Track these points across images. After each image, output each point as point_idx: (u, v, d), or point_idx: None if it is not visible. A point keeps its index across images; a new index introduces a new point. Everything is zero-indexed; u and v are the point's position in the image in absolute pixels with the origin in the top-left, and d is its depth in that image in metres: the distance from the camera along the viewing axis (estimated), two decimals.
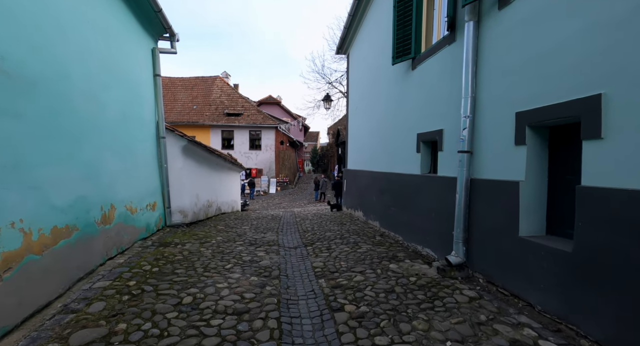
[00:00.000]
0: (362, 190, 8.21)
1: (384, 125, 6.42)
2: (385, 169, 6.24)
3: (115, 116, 3.94)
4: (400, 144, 5.49)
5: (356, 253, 4.41)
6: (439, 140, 4.15)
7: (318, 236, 5.78)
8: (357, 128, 9.24)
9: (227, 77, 29.33)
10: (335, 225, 6.98)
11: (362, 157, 8.48)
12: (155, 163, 5.36)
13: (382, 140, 6.53)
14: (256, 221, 8.04)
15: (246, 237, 5.62)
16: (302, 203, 17.78)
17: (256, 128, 23.76)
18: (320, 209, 12.68)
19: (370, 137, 7.57)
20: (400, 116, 5.49)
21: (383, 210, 6.21)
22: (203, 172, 7.46)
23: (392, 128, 5.87)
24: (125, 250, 3.96)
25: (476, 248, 3.31)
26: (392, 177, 5.75)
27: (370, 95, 7.65)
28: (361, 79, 8.77)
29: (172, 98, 24.21)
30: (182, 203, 6.04)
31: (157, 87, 5.47)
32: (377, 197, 6.67)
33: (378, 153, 6.85)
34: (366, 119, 8.03)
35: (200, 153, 6.93)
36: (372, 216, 6.94)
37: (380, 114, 6.74)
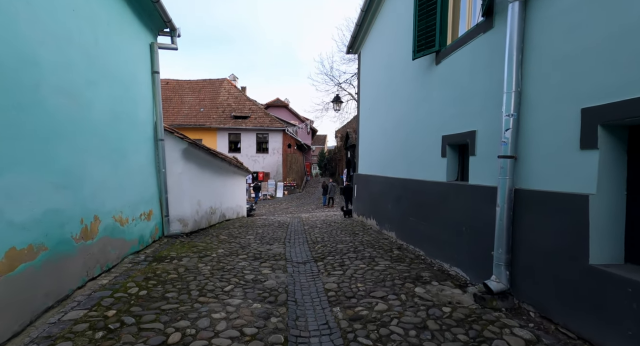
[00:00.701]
0: (374, 197, 7.66)
1: (401, 127, 5.88)
2: (402, 175, 5.70)
3: (104, 116, 3.49)
4: (421, 148, 4.95)
5: (374, 272, 3.87)
6: (470, 143, 3.60)
7: (329, 248, 5.25)
8: (370, 131, 8.72)
9: (235, 79, 29.14)
10: (346, 235, 6.44)
11: (375, 161, 7.94)
12: (152, 167, 4.92)
13: (398, 143, 6.00)
14: (262, 229, 7.55)
15: (250, 249, 5.12)
16: (309, 208, 17.27)
17: (263, 131, 23.40)
18: (329, 215, 12.15)
19: (384, 139, 7.04)
20: (421, 117, 4.95)
21: (400, 220, 5.66)
22: (205, 176, 7.01)
23: (411, 131, 5.33)
24: (113, 267, 3.50)
25: (524, 273, 2.75)
26: (411, 184, 5.20)
27: (384, 95, 7.13)
28: (374, 78, 8.26)
29: (179, 101, 24.05)
30: (182, 211, 5.58)
31: (155, 85, 5.04)
32: (392, 205, 6.12)
33: (394, 158, 6.30)
34: (380, 121, 7.51)
35: (202, 157, 6.49)
36: (387, 226, 6.38)
37: (396, 115, 6.21)
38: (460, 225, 3.70)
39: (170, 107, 23.53)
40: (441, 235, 4.15)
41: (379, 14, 7.38)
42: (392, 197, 6.17)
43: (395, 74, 6.31)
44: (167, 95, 24.28)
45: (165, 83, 25.12)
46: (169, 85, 25.04)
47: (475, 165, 3.54)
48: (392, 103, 6.59)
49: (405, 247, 5.26)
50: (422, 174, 4.87)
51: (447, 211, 4.02)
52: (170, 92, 24.50)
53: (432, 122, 4.59)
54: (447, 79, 4.18)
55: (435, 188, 4.38)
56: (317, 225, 8.54)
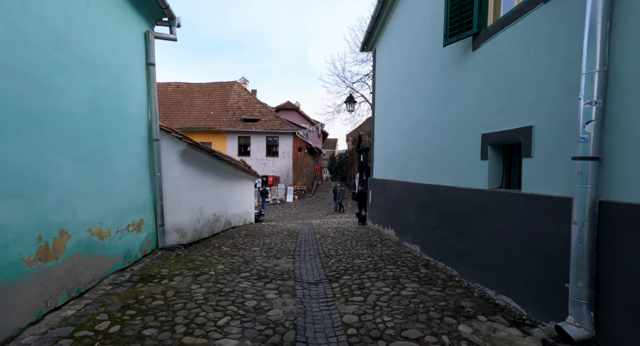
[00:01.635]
0: (392, 204, 6.95)
1: (424, 127, 5.18)
2: (427, 180, 4.99)
3: (79, 108, 2.94)
4: (451, 149, 4.25)
5: (401, 298, 3.17)
6: (524, 142, 2.89)
7: (345, 264, 4.57)
8: (386, 132, 8.03)
9: (245, 82, 28.88)
10: (363, 248, 5.75)
11: (393, 165, 7.24)
12: (145, 171, 4.36)
13: (422, 144, 5.30)
14: (269, 239, 6.92)
15: (254, 264, 4.49)
16: (320, 214, 16.61)
17: (273, 134, 22.94)
18: (342, 222, 11.46)
19: (404, 141, 6.35)
20: (452, 113, 4.25)
21: (426, 232, 4.94)
22: (209, 181, 6.44)
23: (438, 130, 4.64)
24: (86, 291, 2.91)
25: (619, 317, 2.02)
26: (440, 191, 4.49)
27: (403, 93, 6.46)
28: (392, 75, 7.60)
29: (189, 104, 23.85)
30: (180, 219, 5.00)
31: (150, 79, 4.51)
32: (416, 214, 5.41)
33: (416, 161, 5.60)
34: (398, 120, 6.82)
35: (204, 159, 5.92)
36: (409, 237, 5.66)
37: (419, 113, 5.52)
38: (511, 244, 2.98)
39: (180, 110, 23.35)
40: (482, 254, 3.43)
41: (398, 3, 6.73)
42: (415, 205, 5.46)
43: (417, 68, 5.63)
44: (178, 98, 24.15)
45: (176, 86, 25.02)
46: (179, 88, 24.92)
47: (532, 169, 2.82)
48: (412, 101, 5.91)
49: (433, 264, 4.54)
50: (453, 180, 4.16)
51: (491, 225, 3.30)
52: (180, 95, 24.35)
53: (466, 119, 3.89)
54: (489, 66, 3.48)
55: (473, 197, 3.66)
56: (329, 234, 7.86)
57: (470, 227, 3.68)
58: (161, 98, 23.80)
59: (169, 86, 24.93)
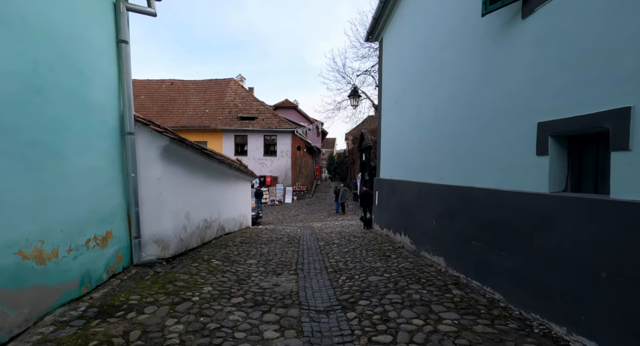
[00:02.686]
0: (406, 208, 6.18)
1: (450, 117, 4.41)
2: (455, 181, 4.22)
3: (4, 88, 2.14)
4: (490, 143, 3.47)
5: (443, 339, 2.40)
6: (615, 129, 2.12)
7: (358, 283, 3.79)
8: (396, 127, 7.26)
9: (242, 80, 28.03)
10: (376, 259, 4.97)
11: (406, 164, 6.47)
12: (115, 171, 3.57)
13: (446, 139, 4.52)
14: (267, 247, 6.13)
15: (250, 284, 3.70)
16: (321, 216, 15.82)
17: (271, 133, 22.12)
18: (345, 225, 10.68)
19: (421, 135, 5.58)
20: (490, 99, 3.48)
21: (453, 243, 4.17)
22: (198, 182, 5.64)
23: (471, 120, 3.86)
24: (12, 339, 2.10)
25: None
26: (474, 195, 3.72)
27: (420, 81, 5.69)
28: (402, 64, 6.83)
29: (184, 101, 23.00)
30: (161, 228, 4.20)
31: (123, 59, 3.71)
32: (439, 221, 4.64)
33: (438, 159, 4.83)
34: (412, 113, 6.05)
35: (192, 158, 5.13)
36: (430, 247, 4.89)
37: (441, 102, 4.75)
38: (594, 268, 2.21)
39: (175, 108, 22.48)
40: (542, 277, 2.65)
41: None
42: (438, 210, 4.69)
43: (439, 52, 4.86)
44: (172, 95, 23.29)
45: (170, 83, 24.16)
46: (173, 85, 24.05)
47: (629, 166, 2.05)
48: (431, 90, 5.14)
49: (464, 282, 3.77)
50: (492, 181, 3.39)
51: (556, 240, 2.53)
52: (175, 93, 23.48)
53: (512, 105, 3.12)
54: (549, 35, 2.71)
55: (525, 203, 2.89)
56: (333, 241, 7.08)
57: (522, 241, 2.91)
58: (154, 95, 22.97)
59: (162, 83, 24.06)
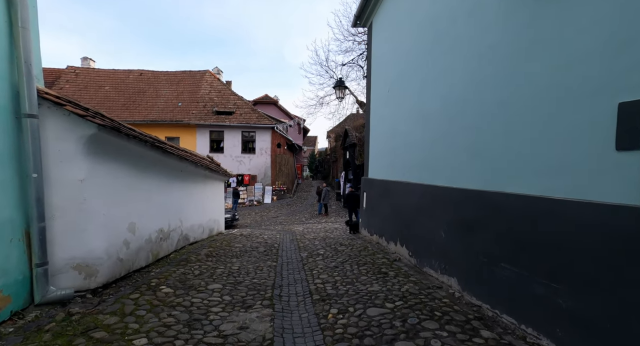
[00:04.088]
0: (403, 214, 5.31)
1: (467, 105, 3.54)
2: (474, 184, 3.35)
3: None
4: (534, 134, 2.61)
5: None
6: None
7: (355, 321, 2.83)
8: (389, 120, 6.38)
9: (219, 73, 26.45)
10: (371, 278, 4.05)
11: (403, 162, 5.60)
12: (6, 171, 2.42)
13: (461, 131, 3.65)
14: (239, 261, 5.07)
15: (206, 328, 2.65)
16: (303, 218, 14.82)
17: (250, 129, 20.82)
18: (329, 229, 9.75)
19: (424, 128, 4.71)
20: (535, 74, 2.62)
21: (470, 261, 3.30)
22: (150, 184, 4.51)
23: (501, 105, 2.99)
24: None
25: None
26: (505, 203, 2.85)
27: (423, 64, 4.81)
28: (398, 48, 5.94)
29: (154, 93, 21.26)
30: (86, 248, 3.07)
31: (15, 7, 2.54)
32: (450, 233, 3.77)
33: (447, 155, 3.96)
34: (412, 102, 5.18)
35: (140, 153, 4.00)
36: (437, 264, 4.01)
37: (452, 88, 3.88)
38: None
39: (144, 100, 20.71)
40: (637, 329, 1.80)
41: None
42: (448, 218, 3.82)
43: (449, 26, 4.00)
44: (141, 87, 21.48)
45: (139, 74, 22.31)
46: (143, 76, 22.21)
47: None
48: (439, 73, 4.26)
49: (490, 315, 2.90)
50: (536, 186, 2.53)
51: None
52: (144, 84, 21.67)
53: (575, 79, 2.26)
54: None
55: (601, 219, 2.03)
56: (318, 250, 6.12)
57: (596, 273, 2.04)
58: (120, 86, 21.14)
59: (130, 73, 22.16)
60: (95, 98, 20.00)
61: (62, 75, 20.98)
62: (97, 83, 20.98)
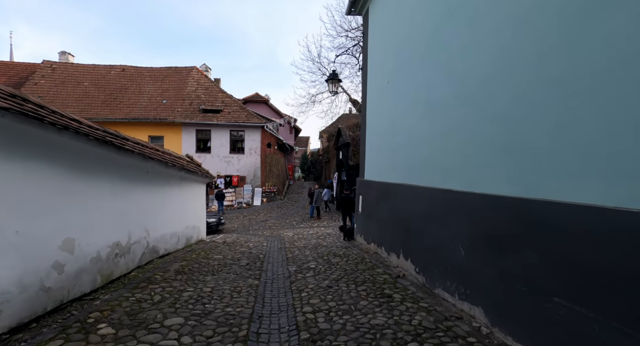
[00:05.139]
0: (408, 221, 4.56)
1: (499, 88, 2.79)
2: (503, 190, 2.61)
3: None
4: (603, 124, 1.86)
5: None
6: None
7: None
8: (389, 115, 5.64)
9: (207, 70, 25.45)
10: (373, 303, 3.27)
11: (405, 162, 4.85)
12: None
13: (488, 122, 2.90)
14: (214, 279, 4.24)
15: None
16: (293, 221, 13.99)
17: (238, 128, 19.89)
18: (321, 235, 8.96)
19: (431, 122, 3.96)
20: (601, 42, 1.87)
21: (503, 289, 2.55)
22: (97, 188, 3.66)
23: (558, 86, 2.24)
24: None
25: None
26: (557, 216, 2.11)
27: (432, 46, 4.06)
28: (401, 31, 5.20)
29: (137, 90, 20.15)
30: None
31: None
32: (471, 248, 3.01)
33: (467, 153, 3.21)
34: (418, 93, 4.43)
35: (80, 149, 3.15)
36: (454, 286, 3.25)
37: (478, 67, 3.13)
38: None
39: (126, 97, 19.58)
40: None
41: None
42: (470, 232, 3.06)
43: None
44: (123, 83, 20.35)
45: (121, 69, 21.17)
46: (125, 72, 21.08)
47: None
48: (453, 55, 3.52)
49: None
50: (616, 194, 1.78)
51: None
52: (126, 81, 20.54)
53: None
54: None
55: None
56: (309, 262, 5.32)
57: None
58: (101, 82, 20.00)
59: (111, 69, 21.01)
60: (72, 95, 18.83)
61: (37, 70, 19.73)
62: (76, 79, 19.77)
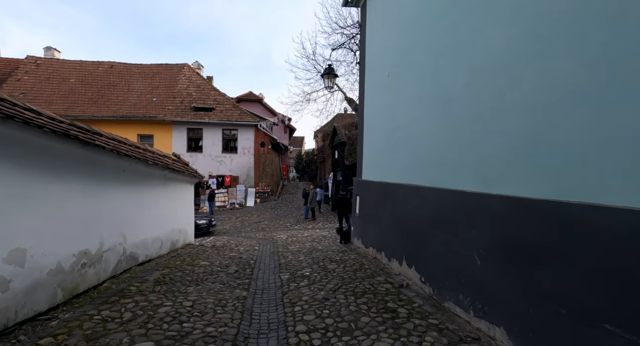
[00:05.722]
0: (412, 225, 4.16)
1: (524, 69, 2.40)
2: (532, 191, 2.21)
3: None
4: None
5: None
6: None
7: None
8: (389, 110, 5.24)
9: (200, 68, 24.86)
10: (376, 320, 2.85)
11: (407, 160, 4.46)
12: None
13: (505, 110, 2.51)
14: (198, 290, 3.78)
15: None
16: (287, 223, 13.54)
17: (231, 127, 19.35)
18: (316, 238, 8.54)
19: (438, 115, 3.56)
20: None
21: (533, 309, 2.15)
22: (63, 189, 3.20)
23: (599, 62, 1.85)
24: None
25: None
26: (604, 223, 1.71)
27: (440, 32, 3.67)
28: (403, 19, 4.80)
29: (126, 87, 19.51)
30: None
31: None
32: (489, 259, 2.61)
33: (479, 149, 2.82)
34: (423, 84, 4.04)
35: (39, 144, 2.69)
36: (468, 300, 2.85)
37: (494, 49, 2.74)
38: None
39: (114, 94, 18.93)
40: None
41: None
42: (488, 240, 2.66)
43: None
44: (111, 80, 19.68)
45: (109, 66, 20.50)
46: (113, 68, 20.41)
47: None
48: (466, 36, 3.12)
49: None
50: None
51: None
52: (115, 77, 19.87)
53: None
54: None
55: None
56: (303, 270, 4.89)
57: None
58: (88, 79, 19.33)
59: (99, 65, 20.32)
60: (58, 92, 18.14)
61: (20, 65, 18.97)
62: (61, 75, 19.06)
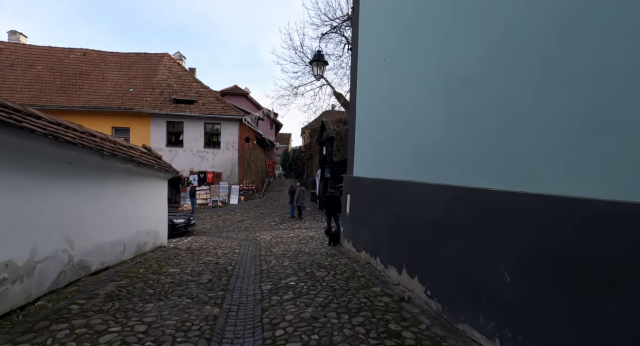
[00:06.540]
0: (414, 229, 3.58)
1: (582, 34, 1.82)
2: (598, 191, 1.64)
3: None
4: None
5: None
6: None
7: None
8: (386, 98, 4.64)
9: (182, 59, 23.70)
10: None
11: (409, 154, 3.87)
12: None
13: (550, 86, 1.93)
14: (158, 308, 3.07)
15: None
16: (272, 222, 12.82)
17: (214, 120, 18.40)
18: (303, 239, 7.90)
19: (450, 96, 2.98)
20: None
21: None
22: None
23: None
24: None
25: None
26: None
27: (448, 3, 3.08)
28: None
29: (100, 77, 18.24)
30: None
31: None
32: (524, 277, 2.04)
33: (508, 137, 2.24)
34: (429, 62, 3.45)
35: None
36: (494, 328, 2.28)
37: (533, 8, 2.15)
38: None
39: (87, 84, 17.64)
40: None
41: None
42: (522, 252, 2.09)
43: None
44: (83, 69, 18.36)
45: (82, 53, 19.14)
46: (86, 56, 19.06)
47: None
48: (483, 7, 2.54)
49: None
50: None
51: None
52: (88, 66, 18.55)
53: None
54: None
55: None
56: (288, 279, 4.24)
57: None
58: (57, 66, 17.97)
59: (70, 52, 18.93)
60: (22, 79, 16.73)
61: None
62: (27, 61, 17.61)
